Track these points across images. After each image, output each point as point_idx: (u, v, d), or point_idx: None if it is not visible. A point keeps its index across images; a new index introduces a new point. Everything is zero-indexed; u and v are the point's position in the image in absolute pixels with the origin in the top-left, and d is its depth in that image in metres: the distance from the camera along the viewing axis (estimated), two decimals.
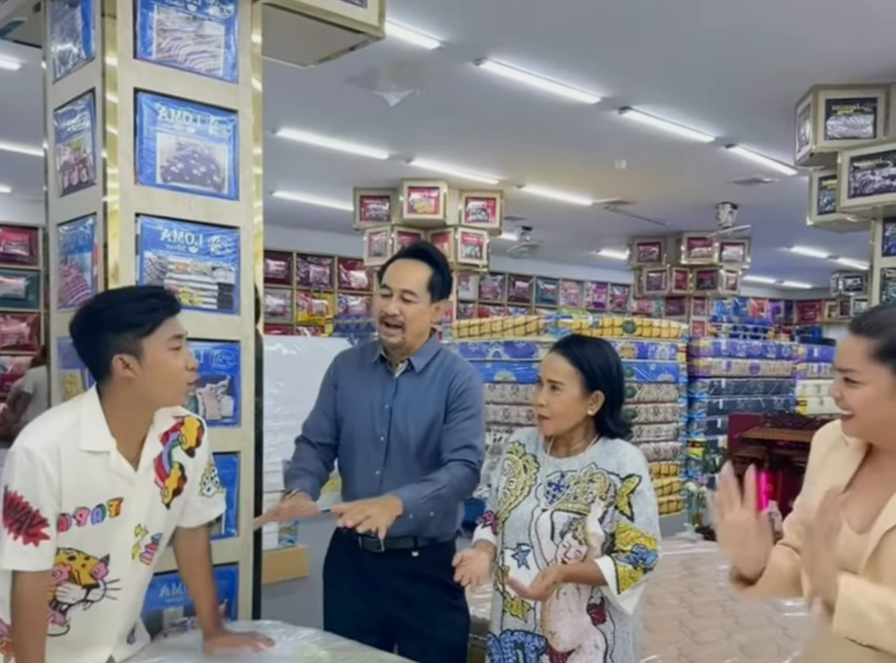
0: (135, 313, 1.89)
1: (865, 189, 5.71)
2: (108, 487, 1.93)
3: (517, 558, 2.20)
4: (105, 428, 1.92)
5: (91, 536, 1.94)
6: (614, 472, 2.15)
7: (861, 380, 1.56)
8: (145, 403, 1.97)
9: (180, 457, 2.06)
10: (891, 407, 1.55)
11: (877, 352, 1.54)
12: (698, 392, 8.95)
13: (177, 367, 1.93)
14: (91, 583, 1.99)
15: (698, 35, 5.09)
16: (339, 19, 2.77)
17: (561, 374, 2.18)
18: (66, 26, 2.50)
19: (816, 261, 14.37)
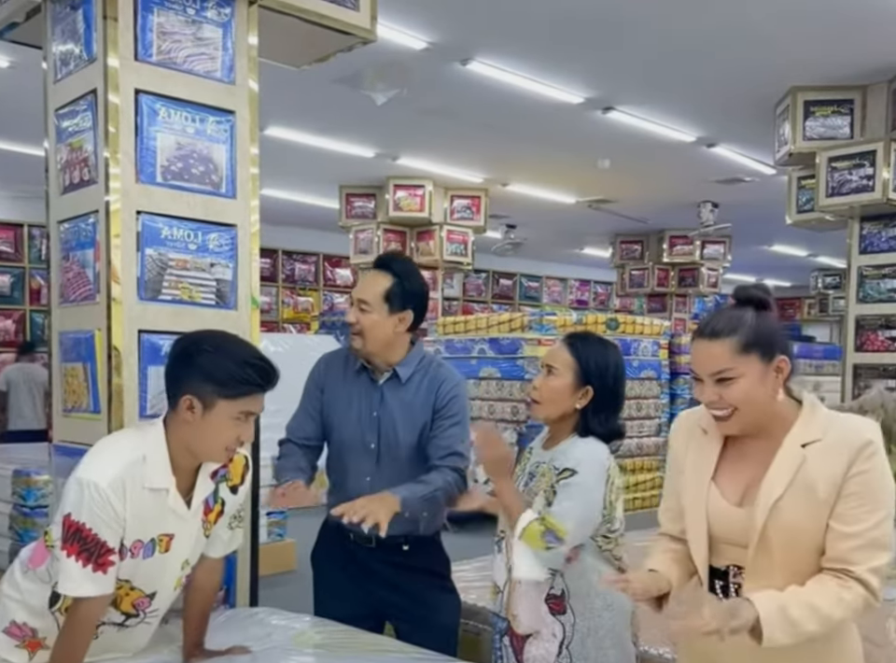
0: (229, 375, 1.89)
1: (843, 188, 5.84)
2: (161, 523, 1.96)
3: (497, 545, 2.34)
4: (168, 465, 1.95)
5: (142, 570, 1.98)
6: (558, 467, 2.21)
7: (735, 375, 1.69)
8: (188, 449, 1.98)
9: (225, 493, 2.10)
10: (765, 389, 1.71)
11: (742, 346, 1.69)
12: (680, 388, 9.08)
13: (231, 437, 1.93)
14: (132, 613, 2.04)
15: (680, 37, 5.19)
16: (332, 21, 2.85)
17: (559, 361, 2.27)
18: (68, 28, 2.55)
19: (795, 260, 14.55)
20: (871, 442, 1.67)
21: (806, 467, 1.67)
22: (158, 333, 2.48)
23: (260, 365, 1.94)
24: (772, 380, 1.71)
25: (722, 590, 1.79)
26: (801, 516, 1.66)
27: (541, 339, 7.78)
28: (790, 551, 1.68)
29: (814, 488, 1.66)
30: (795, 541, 1.68)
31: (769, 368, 1.71)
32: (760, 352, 1.70)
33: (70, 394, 2.59)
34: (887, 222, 5.99)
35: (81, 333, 2.51)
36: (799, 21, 4.93)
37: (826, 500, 1.65)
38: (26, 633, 2.02)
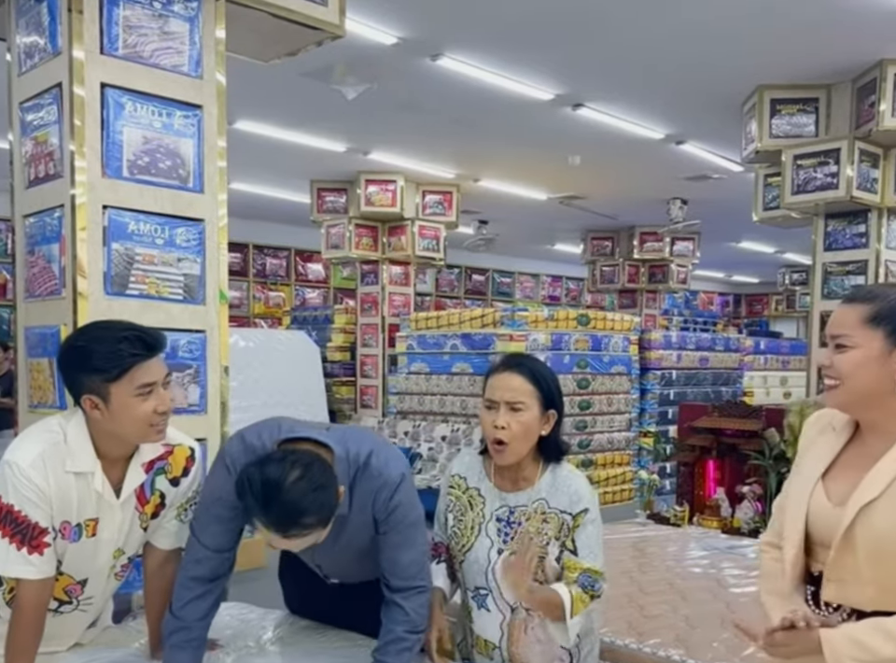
0: (104, 358, 1.86)
1: (808, 186, 5.92)
2: (86, 507, 1.95)
3: (476, 601, 2.17)
4: (90, 450, 1.94)
5: (69, 555, 1.97)
6: (566, 510, 2.09)
7: (852, 344, 1.59)
8: (115, 438, 1.97)
9: (163, 485, 2.08)
10: (879, 373, 1.59)
11: (871, 317, 1.59)
12: (650, 383, 9.17)
13: (144, 412, 1.90)
14: (65, 599, 2.04)
15: (649, 34, 5.23)
16: (300, 16, 2.85)
17: (521, 393, 2.05)
18: (32, 20, 2.54)
19: (763, 256, 14.72)
20: None
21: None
22: None
23: (132, 335, 1.91)
24: (892, 366, 1.58)
25: (813, 596, 1.69)
26: (892, 524, 1.53)
27: (513, 334, 7.82)
28: (877, 559, 1.55)
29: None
30: (884, 549, 1.54)
31: (893, 352, 1.58)
32: (888, 330, 1.58)
33: (36, 390, 2.57)
34: (850, 219, 6.08)
35: (47, 328, 2.50)
36: (766, 21, 4.99)
37: None
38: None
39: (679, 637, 2.68)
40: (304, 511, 1.79)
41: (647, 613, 2.89)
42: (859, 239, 6.07)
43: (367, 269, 9.78)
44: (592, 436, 8.27)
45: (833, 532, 1.59)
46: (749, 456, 4.43)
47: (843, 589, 1.61)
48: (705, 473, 5.24)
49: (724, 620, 2.77)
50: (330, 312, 10.64)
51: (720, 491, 4.84)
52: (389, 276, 9.68)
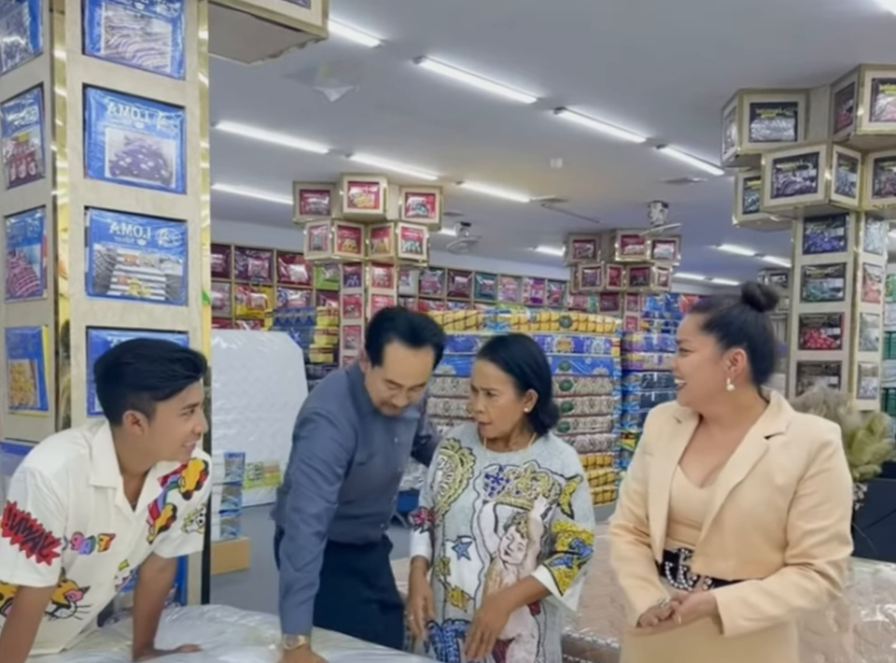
0: (156, 377, 1.89)
1: (787, 189, 5.98)
2: (103, 522, 1.96)
3: (457, 550, 2.27)
4: (115, 465, 1.95)
5: (77, 564, 1.98)
6: (558, 472, 2.24)
7: (691, 348, 1.84)
8: (146, 456, 1.99)
9: (175, 499, 2.10)
10: (713, 373, 1.81)
11: (705, 324, 1.83)
12: (631, 385, 9.23)
13: (184, 433, 1.95)
14: (63, 603, 2.03)
15: (631, 39, 5.27)
16: (283, 18, 2.85)
17: (493, 381, 2.22)
18: (13, 20, 2.52)
19: (743, 259, 14.82)
20: (830, 442, 1.76)
21: (768, 457, 1.76)
22: (106, 329, 2.47)
23: (184, 357, 1.96)
24: (723, 367, 1.80)
25: (671, 572, 1.87)
26: (757, 503, 1.75)
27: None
28: (741, 535, 1.76)
29: (772, 477, 1.75)
30: (748, 525, 1.76)
31: (723, 354, 1.80)
32: (717, 336, 1.81)
33: (17, 391, 2.56)
34: (829, 223, 6.14)
35: (28, 329, 2.49)
36: (746, 25, 5.04)
37: (782, 490, 1.74)
38: None
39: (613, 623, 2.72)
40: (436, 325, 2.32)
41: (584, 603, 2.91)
42: (837, 242, 6.13)
43: (350, 271, 9.77)
44: (574, 438, 8.31)
45: (701, 511, 1.80)
46: None
47: (708, 562, 1.80)
48: None
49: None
50: (313, 313, 10.63)
51: None
52: (372, 278, 9.67)
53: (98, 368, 1.99)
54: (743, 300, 1.86)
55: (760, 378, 1.85)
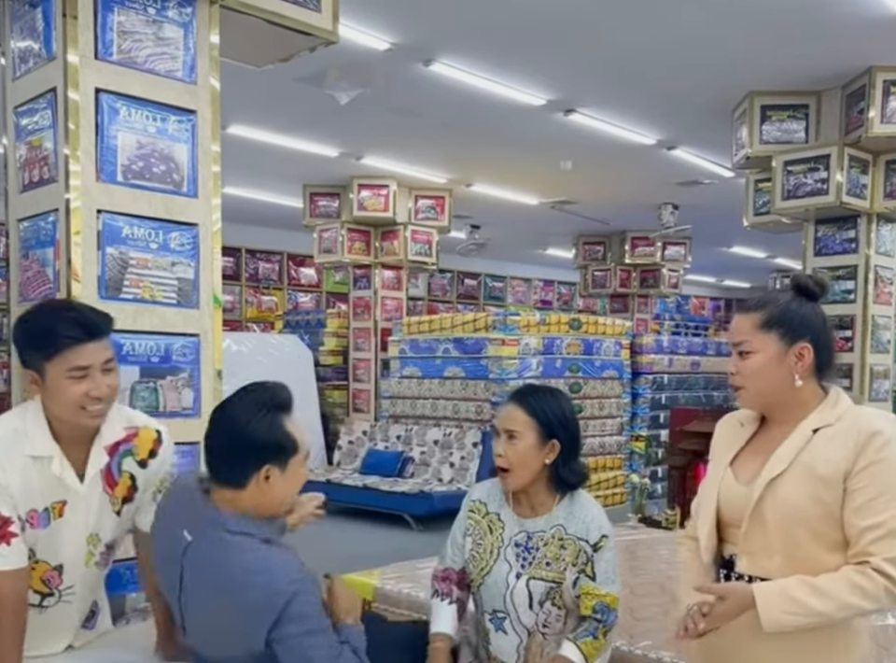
0: (37, 336, 1.89)
1: (798, 191, 5.96)
2: (50, 491, 1.95)
3: (494, 623, 2.21)
4: (47, 434, 1.95)
5: (42, 540, 1.97)
6: (583, 538, 2.17)
7: (752, 349, 1.76)
8: (57, 418, 1.96)
9: (131, 467, 2.08)
10: (779, 371, 1.75)
11: (764, 322, 1.75)
12: (642, 388, 9.20)
13: (75, 394, 1.90)
14: (45, 590, 2.02)
15: (640, 41, 5.27)
16: (293, 23, 2.88)
17: (517, 424, 2.18)
18: (27, 26, 2.55)
19: (754, 261, 14.78)
20: (880, 432, 1.66)
21: (810, 447, 1.70)
22: (119, 332, 2.47)
23: (71, 317, 1.91)
24: (790, 364, 1.74)
25: (726, 578, 1.81)
26: (797, 495, 1.68)
27: (505, 339, 7.84)
28: (785, 531, 1.70)
29: (813, 467, 1.68)
30: (791, 520, 1.69)
31: (788, 351, 1.74)
32: (780, 333, 1.74)
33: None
34: (840, 225, 6.13)
35: None
36: (757, 27, 5.03)
37: (825, 482, 1.66)
38: None
39: (670, 639, 2.69)
40: None
41: (638, 615, 2.90)
42: (849, 244, 6.12)
43: (359, 273, 9.79)
44: (583, 440, 8.27)
45: (744, 509, 1.74)
46: None
47: (754, 560, 1.73)
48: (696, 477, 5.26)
49: None
50: (323, 316, 10.65)
51: None
52: (382, 281, 9.69)
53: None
54: (796, 292, 1.79)
55: (822, 370, 1.78)
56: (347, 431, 9.11)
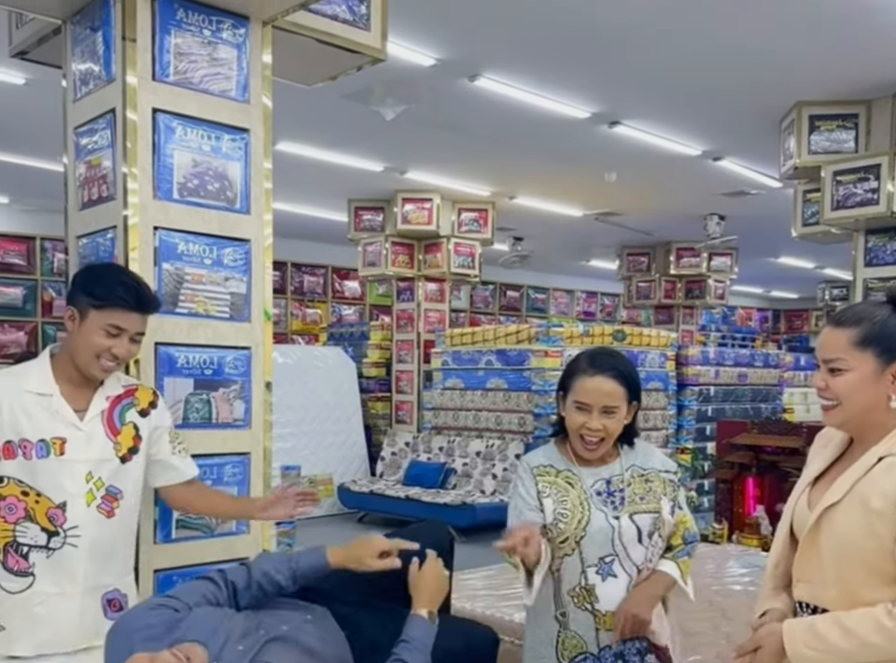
0: (100, 287, 2.12)
1: (848, 201, 5.87)
2: (50, 426, 2.12)
3: (601, 572, 2.16)
4: (49, 375, 2.16)
5: (41, 473, 2.09)
6: (664, 469, 2.26)
7: (846, 367, 1.66)
8: (71, 356, 2.17)
9: (133, 417, 2.25)
10: (874, 392, 1.66)
11: (860, 340, 1.65)
12: (687, 400, 9.10)
13: (101, 346, 2.12)
14: (51, 529, 2.10)
15: (686, 52, 5.25)
16: (343, 41, 2.93)
17: (616, 398, 2.17)
18: (87, 49, 2.63)
19: (802, 272, 14.56)
20: None
21: (868, 477, 1.62)
22: (174, 345, 2.55)
23: (132, 286, 2.17)
24: (886, 384, 1.65)
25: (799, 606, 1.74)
26: (851, 527, 1.60)
27: (548, 350, 7.82)
28: (840, 563, 1.62)
29: (867, 500, 1.60)
30: (845, 552, 1.61)
31: (886, 370, 1.65)
32: (878, 351, 1.65)
33: None
34: (892, 235, 6.01)
35: None
36: (804, 36, 4.99)
37: (879, 515, 1.57)
38: None
39: (719, 654, 2.67)
40: None
41: (687, 629, 2.88)
42: None
43: (403, 286, 9.86)
44: None
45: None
46: (789, 473, 4.39)
47: (811, 589, 1.68)
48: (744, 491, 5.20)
49: None
50: (366, 328, 10.73)
51: (759, 509, 4.80)
52: (425, 293, 9.75)
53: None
54: (894, 307, 1.68)
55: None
56: (390, 443, 9.16)
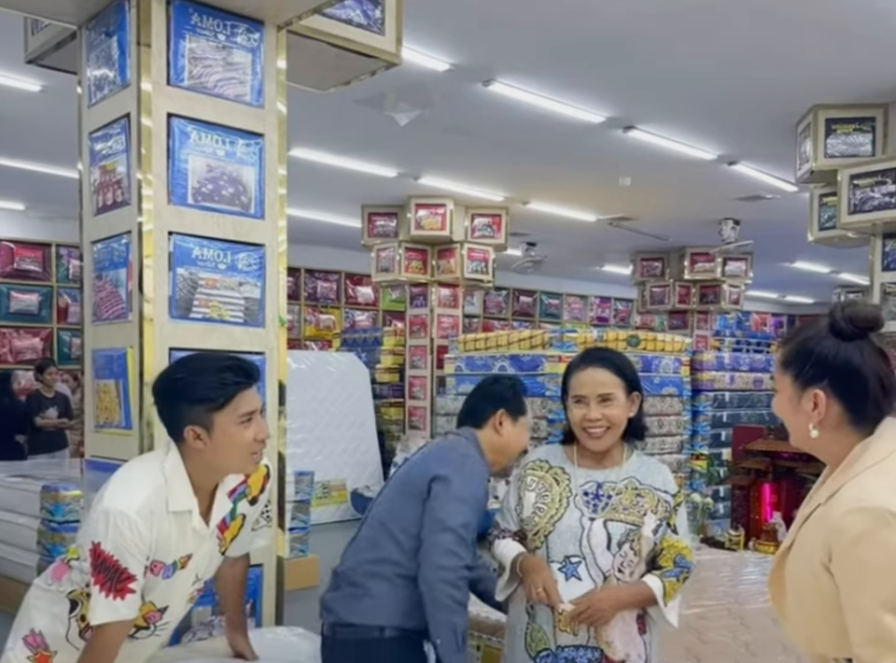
0: (209, 387, 1.93)
1: (865, 205, 5.82)
2: (183, 545, 2.00)
3: (565, 571, 2.16)
4: (189, 488, 1.98)
5: (159, 588, 2.02)
6: (662, 489, 2.21)
7: (777, 387, 1.58)
8: (214, 472, 2.02)
9: (244, 508, 2.15)
10: (795, 417, 1.53)
11: (783, 360, 1.55)
12: (702, 405, 9.04)
13: (246, 440, 1.96)
14: (143, 625, 2.07)
15: (701, 56, 5.22)
16: (358, 46, 2.92)
17: (609, 386, 2.19)
18: (102, 54, 2.63)
19: (817, 276, 14.46)
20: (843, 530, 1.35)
21: (805, 528, 1.48)
22: (188, 351, 2.53)
23: (234, 365, 1.99)
24: (804, 410, 1.49)
25: None
26: (798, 576, 1.47)
27: (562, 356, 7.78)
28: (798, 605, 1.48)
29: (804, 554, 1.46)
30: (801, 598, 1.47)
31: (802, 396, 1.49)
32: (794, 374, 1.51)
33: (102, 410, 2.64)
34: None
35: (114, 351, 2.57)
36: (820, 40, 4.95)
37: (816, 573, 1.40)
38: (39, 645, 2.05)
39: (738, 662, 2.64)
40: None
41: (705, 638, 2.85)
42: None
43: (416, 291, 9.85)
44: None
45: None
46: (806, 479, 4.33)
47: (788, 627, 1.56)
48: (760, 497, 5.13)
49: (787, 648, 2.72)
50: (380, 334, 10.72)
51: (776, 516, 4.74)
52: (438, 299, 9.73)
53: (155, 389, 2.03)
54: (829, 328, 1.49)
55: (862, 423, 1.46)
56: (403, 448, 9.13)
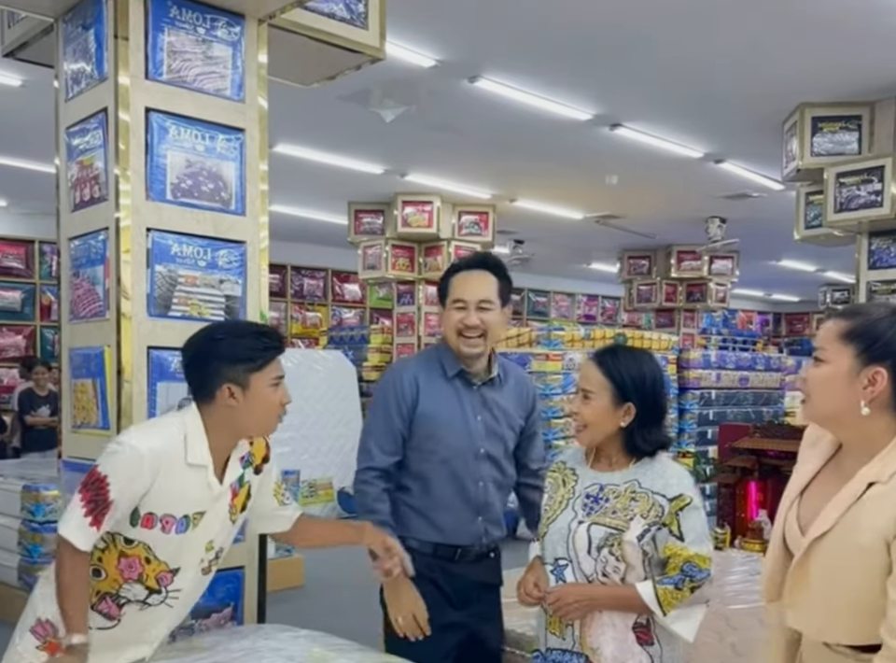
0: (251, 349, 2.03)
1: (851, 204, 5.83)
2: (197, 501, 2.04)
3: (555, 573, 2.18)
4: (206, 444, 2.05)
5: (172, 545, 2.03)
6: (660, 492, 2.11)
7: (825, 358, 1.57)
8: (237, 431, 2.10)
9: (249, 476, 2.19)
10: (845, 391, 1.54)
11: (846, 332, 1.55)
12: (689, 403, 9.06)
13: (275, 402, 2.08)
14: (155, 588, 2.06)
15: (688, 53, 5.21)
16: (341, 40, 2.88)
17: (592, 383, 2.18)
18: (79, 47, 2.58)
19: (803, 275, 14.52)
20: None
21: (858, 507, 1.51)
22: (167, 349, 2.49)
23: (269, 330, 2.14)
24: (859, 386, 1.53)
25: None
26: (840, 560, 1.51)
27: (549, 354, 7.77)
28: (827, 593, 1.54)
29: (857, 533, 1.50)
30: (833, 583, 1.52)
31: (861, 371, 1.53)
32: (858, 348, 1.53)
33: (79, 410, 2.60)
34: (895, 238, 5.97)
35: (91, 349, 2.53)
36: (807, 38, 4.94)
37: (869, 551, 1.47)
38: (48, 632, 2.05)
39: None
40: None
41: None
42: None
43: (403, 289, 9.81)
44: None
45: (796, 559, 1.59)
46: None
47: (798, 616, 1.59)
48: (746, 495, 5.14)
49: None
50: (367, 332, 10.69)
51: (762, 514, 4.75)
52: (425, 296, 9.70)
53: (190, 349, 2.09)
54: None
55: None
56: None
